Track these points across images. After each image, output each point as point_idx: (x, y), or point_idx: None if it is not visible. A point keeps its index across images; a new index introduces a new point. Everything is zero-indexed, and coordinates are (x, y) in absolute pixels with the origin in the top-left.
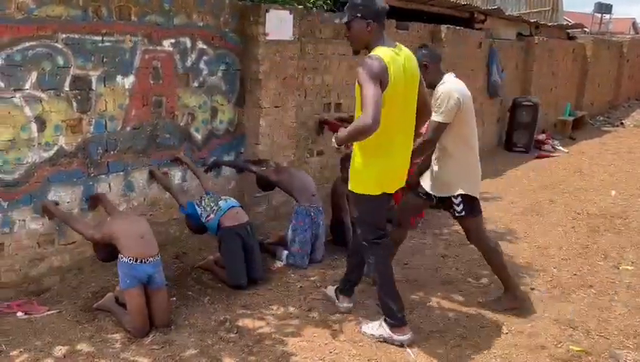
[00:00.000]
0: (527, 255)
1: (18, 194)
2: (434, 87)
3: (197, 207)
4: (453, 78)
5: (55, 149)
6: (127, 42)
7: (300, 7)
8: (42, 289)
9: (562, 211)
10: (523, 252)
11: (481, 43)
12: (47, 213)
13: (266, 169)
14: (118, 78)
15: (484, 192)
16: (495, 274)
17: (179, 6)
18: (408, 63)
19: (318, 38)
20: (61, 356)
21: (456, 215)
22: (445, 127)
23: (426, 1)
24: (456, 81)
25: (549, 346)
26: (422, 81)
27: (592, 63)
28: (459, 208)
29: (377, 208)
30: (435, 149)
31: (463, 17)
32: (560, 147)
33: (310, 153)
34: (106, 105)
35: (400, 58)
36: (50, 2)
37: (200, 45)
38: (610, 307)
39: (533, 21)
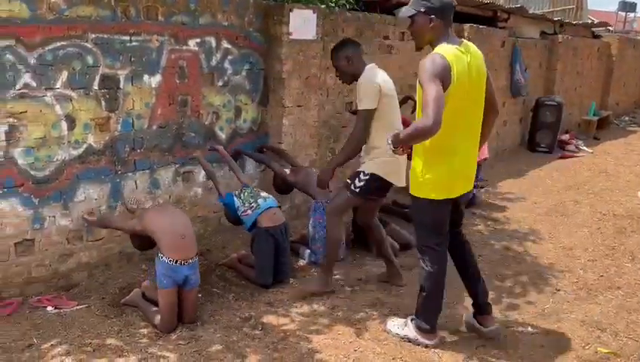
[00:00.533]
0: (552, 256)
1: (48, 190)
2: (357, 78)
3: (235, 198)
4: (374, 67)
5: (84, 147)
6: (154, 42)
7: (323, 6)
8: (71, 285)
9: (587, 212)
10: (548, 253)
11: (504, 42)
12: (88, 223)
13: (285, 168)
14: (145, 78)
15: (508, 192)
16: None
17: (204, 6)
18: (475, 61)
19: (340, 37)
20: (91, 349)
21: (352, 188)
22: (373, 113)
23: None
24: (377, 70)
25: (577, 348)
26: (490, 78)
27: (617, 62)
28: (358, 183)
29: (438, 213)
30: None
31: (486, 16)
32: (584, 147)
33: (332, 152)
34: (133, 104)
35: (465, 56)
36: (80, 3)
37: (225, 45)
38: (639, 309)
39: (557, 19)
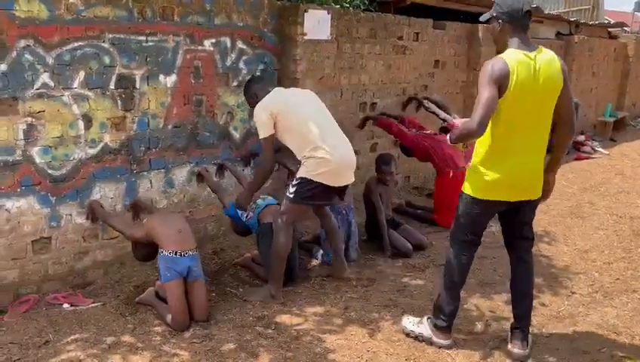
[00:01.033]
0: (567, 258)
1: (65, 189)
2: None
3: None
4: (273, 92)
5: (100, 146)
6: (170, 42)
7: (337, 7)
8: (87, 282)
9: (603, 214)
10: (563, 255)
11: None
12: (90, 213)
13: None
14: (161, 77)
15: None
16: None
17: (219, 6)
18: (546, 70)
19: (354, 38)
20: (106, 346)
21: (287, 195)
22: (272, 139)
23: (464, 1)
24: (273, 95)
25: (592, 351)
26: (567, 91)
27: (634, 63)
28: (291, 190)
29: (476, 212)
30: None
31: None
32: (600, 149)
33: None
34: (148, 104)
35: (533, 62)
36: (97, 3)
37: (240, 45)
38: None
39: (573, 20)
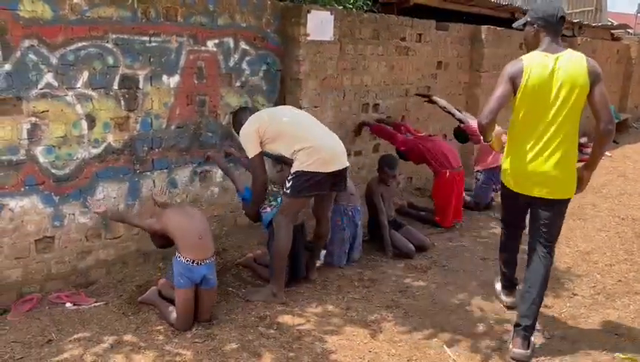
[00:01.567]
0: (569, 260)
1: (68, 188)
2: None
3: None
4: (252, 115)
5: (103, 146)
6: (173, 42)
7: (340, 7)
8: (89, 282)
9: (606, 216)
10: (565, 256)
11: (521, 43)
12: (100, 215)
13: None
14: (164, 78)
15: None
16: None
17: (222, 7)
18: (567, 69)
19: (357, 39)
20: (108, 346)
21: (285, 191)
22: (260, 157)
23: (467, 2)
24: (255, 115)
25: (593, 353)
26: (596, 92)
27: (636, 65)
28: (288, 185)
29: (507, 200)
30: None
31: (504, 17)
32: None
33: (348, 153)
34: (152, 104)
35: (551, 62)
36: (101, 4)
37: (242, 46)
38: None
39: (576, 21)
